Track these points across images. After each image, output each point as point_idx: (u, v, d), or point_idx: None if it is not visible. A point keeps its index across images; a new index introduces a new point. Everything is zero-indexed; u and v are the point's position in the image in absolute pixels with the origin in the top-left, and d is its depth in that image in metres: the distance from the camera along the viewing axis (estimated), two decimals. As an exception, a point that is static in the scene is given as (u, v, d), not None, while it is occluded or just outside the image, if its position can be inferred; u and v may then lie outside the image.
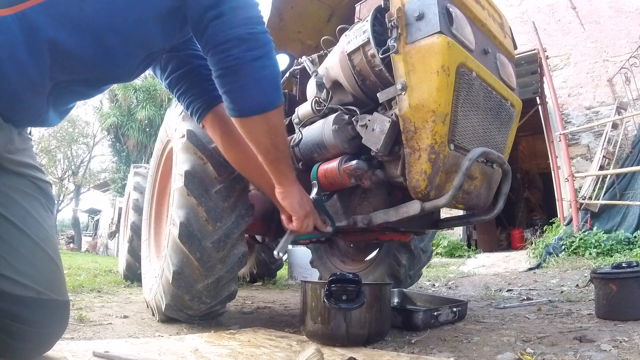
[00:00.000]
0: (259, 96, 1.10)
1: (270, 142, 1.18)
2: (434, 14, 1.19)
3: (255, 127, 1.15)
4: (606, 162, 5.35)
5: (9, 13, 0.84)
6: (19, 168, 1.00)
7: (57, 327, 1.00)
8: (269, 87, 1.11)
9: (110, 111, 16.51)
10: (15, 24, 0.84)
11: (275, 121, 1.15)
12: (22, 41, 0.86)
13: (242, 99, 1.10)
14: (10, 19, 0.84)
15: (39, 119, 1.01)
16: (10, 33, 0.85)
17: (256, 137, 1.18)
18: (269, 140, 1.17)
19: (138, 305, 2.22)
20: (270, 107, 1.11)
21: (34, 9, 0.85)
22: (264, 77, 1.08)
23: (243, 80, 1.07)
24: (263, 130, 1.15)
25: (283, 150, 1.24)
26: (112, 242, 13.59)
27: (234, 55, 1.02)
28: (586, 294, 2.17)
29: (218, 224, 1.47)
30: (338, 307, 1.24)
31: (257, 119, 1.12)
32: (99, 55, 0.97)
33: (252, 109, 1.11)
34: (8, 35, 0.85)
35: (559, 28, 6.70)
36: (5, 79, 0.87)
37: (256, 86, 1.09)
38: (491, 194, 1.50)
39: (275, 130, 1.16)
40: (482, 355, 1.13)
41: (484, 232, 7.99)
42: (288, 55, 2.27)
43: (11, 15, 0.84)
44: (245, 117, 1.12)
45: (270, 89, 1.11)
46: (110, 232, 7.58)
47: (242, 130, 1.17)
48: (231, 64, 1.03)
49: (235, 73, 1.05)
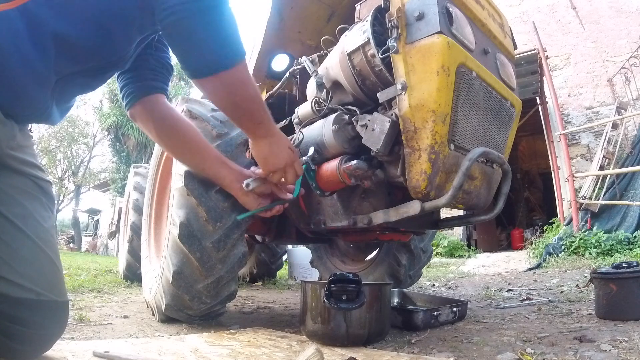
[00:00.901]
0: (207, 55, 1.00)
1: (229, 100, 1.12)
2: (434, 14, 1.19)
3: (210, 87, 1.08)
4: (606, 162, 5.35)
5: (11, 7, 0.83)
6: (20, 166, 1.00)
7: (56, 328, 1.00)
8: (219, 44, 1.00)
9: (110, 111, 16.52)
10: (17, 17, 0.84)
11: (231, 81, 1.06)
12: (26, 35, 0.85)
13: (190, 60, 1.02)
14: (12, 13, 0.84)
15: (43, 115, 1.01)
16: (13, 27, 0.84)
17: (212, 97, 1.13)
18: (226, 99, 1.11)
19: (138, 305, 2.22)
20: (223, 67, 1.02)
21: (36, 1, 0.85)
22: (212, 34, 0.98)
23: (188, 39, 0.98)
24: (219, 91, 1.09)
25: (245, 107, 1.16)
26: (112, 242, 13.60)
27: (170, 9, 0.92)
28: (586, 294, 2.17)
29: (218, 224, 1.47)
30: (338, 307, 1.24)
31: (211, 80, 1.04)
32: (102, 42, 0.96)
33: (202, 70, 1.03)
34: (11, 30, 0.84)
35: (559, 28, 6.71)
36: (10, 74, 0.86)
37: (203, 45, 0.99)
38: (491, 194, 1.50)
39: (232, 90, 1.08)
40: (482, 355, 1.13)
41: (484, 232, 7.99)
42: (288, 55, 2.27)
43: (13, 9, 0.83)
44: (198, 79, 1.05)
45: (221, 47, 1.01)
46: (110, 232, 7.59)
47: (199, 89, 1.11)
48: (170, 20, 0.94)
49: (177, 31, 0.97)
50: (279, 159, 1.33)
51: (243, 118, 1.22)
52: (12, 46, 0.84)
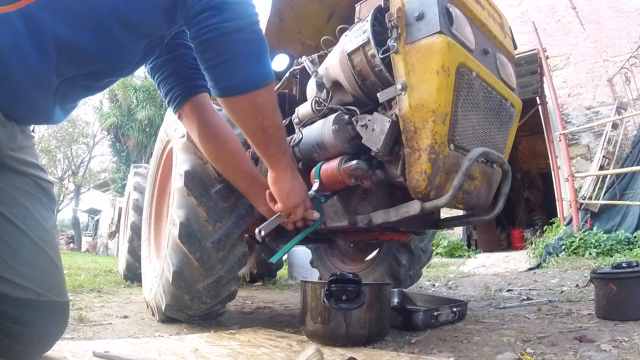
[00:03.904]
0: (240, 74, 1.01)
1: (256, 124, 1.10)
2: (434, 14, 1.19)
3: (239, 108, 1.07)
4: (606, 162, 5.35)
5: (12, 9, 0.83)
6: (21, 166, 1.00)
7: (57, 328, 1.00)
8: (252, 63, 1.02)
9: (110, 111, 16.51)
10: (18, 20, 0.83)
11: (260, 102, 1.06)
12: (27, 37, 0.84)
13: (222, 77, 1.02)
14: (13, 15, 0.83)
15: (44, 117, 1.00)
16: (14, 29, 0.83)
17: (240, 119, 1.09)
18: (254, 122, 1.09)
19: (138, 305, 2.22)
20: (254, 86, 1.03)
21: (37, 4, 0.84)
22: (246, 52, 1.00)
23: (222, 56, 0.98)
24: (247, 112, 1.07)
25: (272, 134, 1.14)
26: (112, 242, 13.59)
27: (209, 26, 0.94)
28: (586, 294, 2.17)
29: (218, 224, 1.47)
30: (338, 307, 1.24)
31: (240, 99, 1.04)
32: (106, 46, 0.95)
33: (233, 89, 1.03)
34: (12, 32, 0.83)
35: (559, 28, 6.71)
36: (10, 76, 0.86)
37: (237, 63, 1.00)
38: (491, 194, 1.50)
39: (261, 112, 1.07)
40: (482, 355, 1.13)
41: (484, 232, 7.99)
42: (288, 55, 2.27)
43: (14, 11, 0.83)
44: (227, 97, 1.04)
45: (254, 67, 1.02)
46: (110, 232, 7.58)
47: (225, 110, 1.09)
48: (207, 37, 0.95)
49: (213, 48, 0.97)
50: (298, 195, 1.29)
51: (271, 145, 1.17)
52: (13, 49, 0.84)
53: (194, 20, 0.95)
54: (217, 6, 0.94)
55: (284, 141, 1.23)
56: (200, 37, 0.97)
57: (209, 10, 0.94)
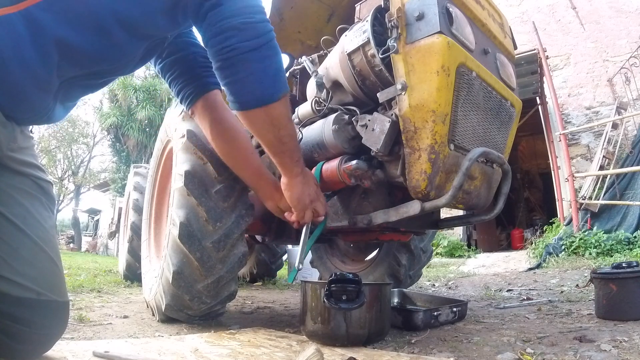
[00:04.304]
0: (259, 89, 1.08)
1: (273, 135, 1.16)
2: (434, 14, 1.19)
3: (257, 120, 1.13)
4: (606, 162, 5.35)
5: (14, 11, 0.83)
6: (21, 167, 1.00)
7: (57, 328, 1.00)
8: (270, 78, 1.08)
9: (110, 111, 16.52)
10: (20, 22, 0.83)
11: (277, 114, 1.12)
12: (28, 39, 0.84)
13: (242, 92, 1.08)
14: (14, 17, 0.83)
15: (44, 117, 1.01)
16: (15, 31, 0.83)
17: (258, 130, 1.15)
18: (271, 133, 1.15)
19: (138, 305, 2.22)
20: (272, 99, 1.09)
21: (39, 5, 0.84)
22: (264, 68, 1.06)
23: (242, 73, 1.04)
24: (265, 124, 1.13)
25: (287, 143, 1.21)
26: (112, 242, 13.60)
27: (230, 46, 0.99)
28: (586, 294, 2.17)
29: (218, 224, 1.47)
30: (338, 307, 1.24)
31: (258, 112, 1.10)
32: (106, 48, 0.96)
33: (252, 102, 1.09)
34: (13, 34, 0.83)
35: (559, 28, 6.71)
36: (11, 77, 0.86)
37: (255, 78, 1.06)
38: (491, 194, 1.50)
39: (278, 123, 1.14)
40: (482, 355, 1.13)
41: (484, 232, 7.99)
42: (288, 55, 2.27)
43: (15, 13, 0.83)
44: (246, 111, 1.11)
45: (271, 81, 1.09)
46: (110, 232, 7.58)
47: (244, 122, 1.15)
48: (228, 56, 1.01)
49: (233, 65, 1.03)
50: (309, 195, 1.34)
51: (285, 155, 1.23)
52: (13, 51, 0.84)
53: (215, 39, 1.00)
54: (238, 26, 0.99)
55: (298, 150, 1.28)
56: (221, 56, 1.02)
57: (229, 30, 0.98)
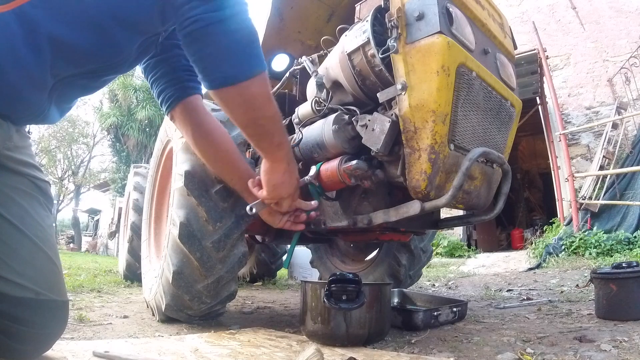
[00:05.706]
0: (227, 65, 0.98)
1: (247, 117, 1.07)
2: (434, 14, 1.19)
3: (229, 99, 1.04)
4: (606, 162, 5.35)
5: (7, 9, 0.82)
6: (18, 166, 1.00)
7: (56, 328, 1.00)
8: (239, 54, 0.98)
9: (110, 111, 16.52)
10: (13, 20, 0.83)
11: (252, 93, 1.02)
12: (21, 37, 0.84)
13: (209, 69, 1.00)
14: (8, 15, 0.82)
15: (39, 117, 1.00)
16: (8, 29, 0.83)
17: (231, 110, 1.07)
18: (244, 115, 1.06)
19: (138, 305, 2.22)
20: (242, 77, 0.99)
21: (32, 3, 0.83)
22: (232, 42, 0.96)
23: (208, 48, 0.96)
24: (238, 104, 1.04)
25: (264, 125, 1.11)
26: (112, 242, 13.59)
27: (193, 17, 0.91)
28: (586, 294, 2.17)
29: (218, 224, 1.47)
30: (338, 307, 1.24)
31: (230, 90, 1.00)
32: (101, 45, 0.94)
33: (220, 80, 1.00)
34: (6, 32, 0.83)
35: (559, 28, 6.71)
36: (4, 76, 0.85)
37: (224, 54, 0.97)
38: (491, 194, 1.50)
39: (252, 104, 1.04)
40: (482, 355, 1.13)
41: (484, 232, 7.99)
42: (288, 55, 2.27)
43: (8, 11, 0.82)
44: (217, 90, 1.01)
45: (242, 57, 0.99)
46: (110, 232, 7.59)
47: (217, 102, 1.08)
48: (192, 28, 0.92)
49: (198, 39, 0.95)
50: (288, 188, 1.26)
51: (262, 138, 1.15)
52: (7, 49, 0.84)
53: (179, 11, 0.92)
54: None
55: (279, 134, 1.17)
56: (185, 29, 0.94)
57: (193, 0, 0.91)
